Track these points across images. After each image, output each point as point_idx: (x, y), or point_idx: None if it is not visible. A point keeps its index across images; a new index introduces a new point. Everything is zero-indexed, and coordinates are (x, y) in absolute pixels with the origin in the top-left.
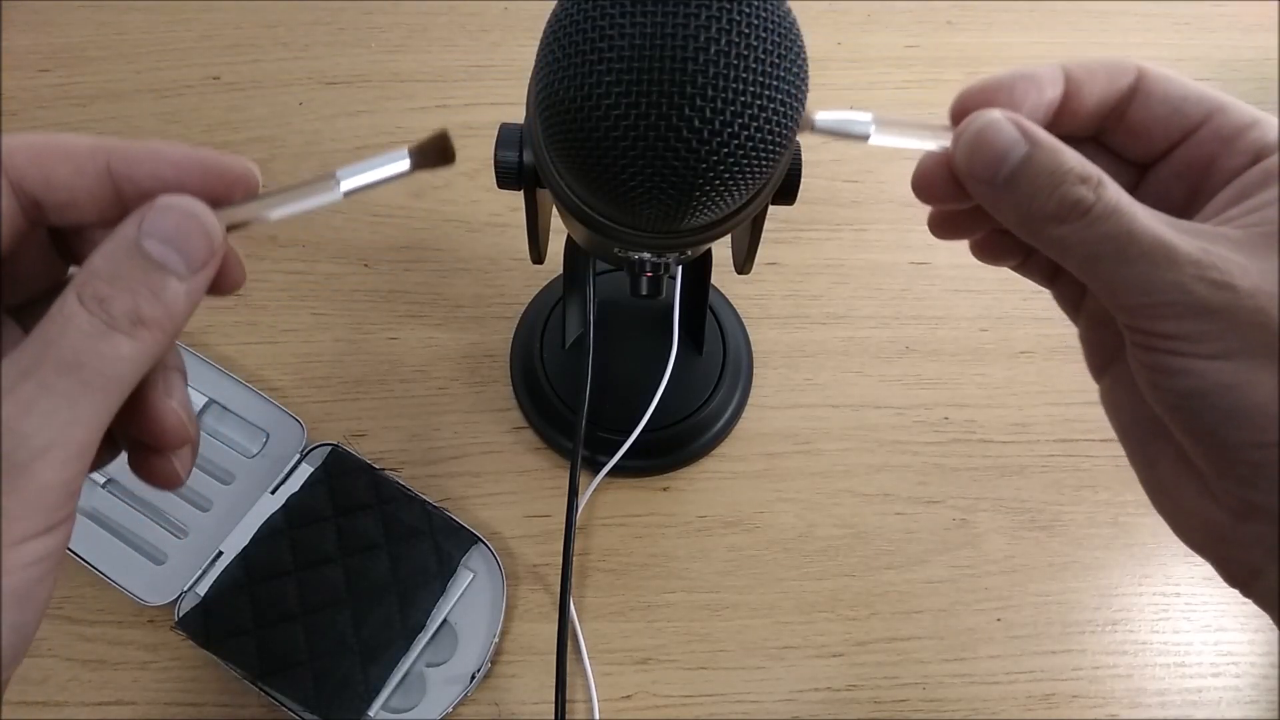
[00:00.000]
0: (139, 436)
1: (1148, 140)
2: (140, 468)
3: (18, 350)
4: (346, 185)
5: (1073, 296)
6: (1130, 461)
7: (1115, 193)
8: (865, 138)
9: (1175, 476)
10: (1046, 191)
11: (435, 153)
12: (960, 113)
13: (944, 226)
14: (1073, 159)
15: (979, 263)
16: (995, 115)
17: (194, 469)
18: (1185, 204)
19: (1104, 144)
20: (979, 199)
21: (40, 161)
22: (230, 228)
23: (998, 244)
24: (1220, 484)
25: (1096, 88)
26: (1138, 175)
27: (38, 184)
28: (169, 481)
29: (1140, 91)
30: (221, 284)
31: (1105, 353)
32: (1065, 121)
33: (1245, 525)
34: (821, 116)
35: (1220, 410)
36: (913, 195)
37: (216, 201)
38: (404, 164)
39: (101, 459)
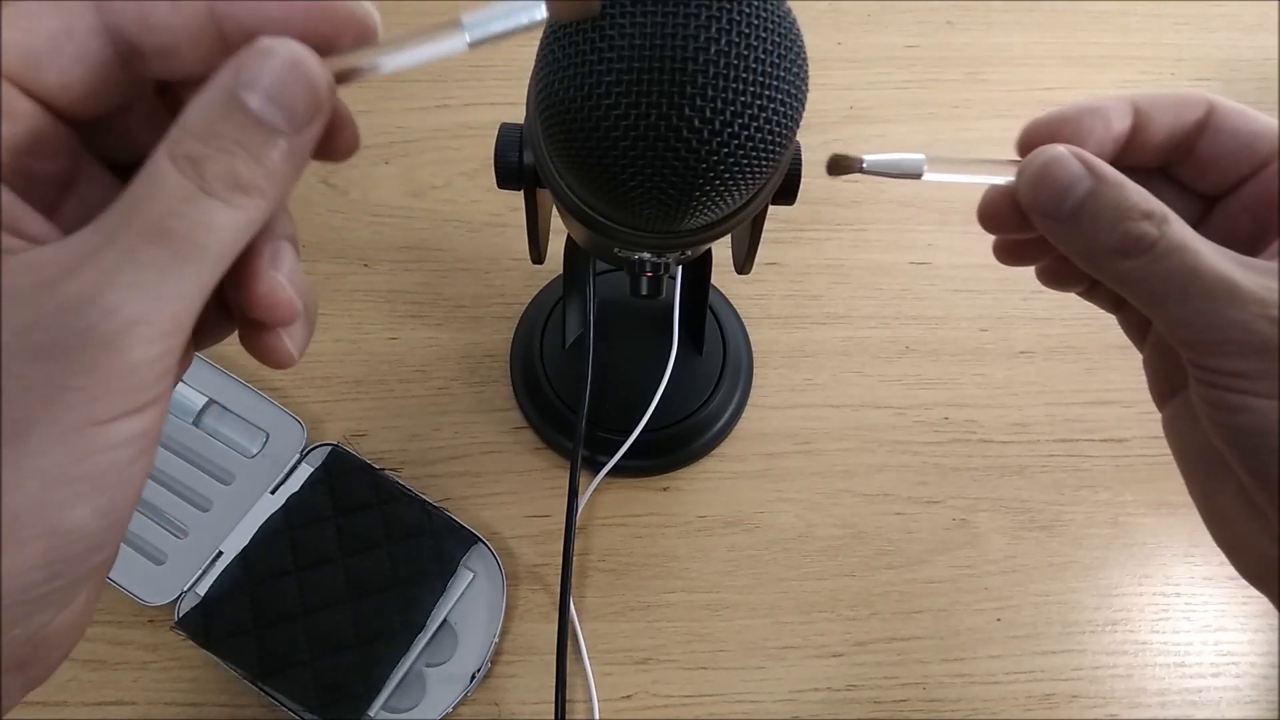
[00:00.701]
0: (246, 310)
1: (1216, 174)
2: (250, 344)
3: (105, 213)
4: (473, 34)
5: (1138, 324)
6: (1190, 492)
7: (1180, 229)
8: (918, 176)
9: (1235, 510)
10: (1110, 226)
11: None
12: (1027, 145)
13: (1009, 254)
14: (1137, 194)
15: (979, 263)
16: (1060, 150)
17: (194, 469)
18: (1252, 239)
19: (1172, 176)
20: (1043, 231)
21: (139, 2)
22: (340, 79)
23: (1064, 271)
24: (1278, 520)
25: (1165, 121)
26: (1205, 208)
27: (134, 25)
28: (281, 360)
29: (1210, 125)
30: (332, 147)
31: (1170, 382)
32: (1133, 154)
33: None
34: (871, 159)
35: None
36: (913, 195)
37: (325, 47)
38: (540, 10)
39: (217, 333)
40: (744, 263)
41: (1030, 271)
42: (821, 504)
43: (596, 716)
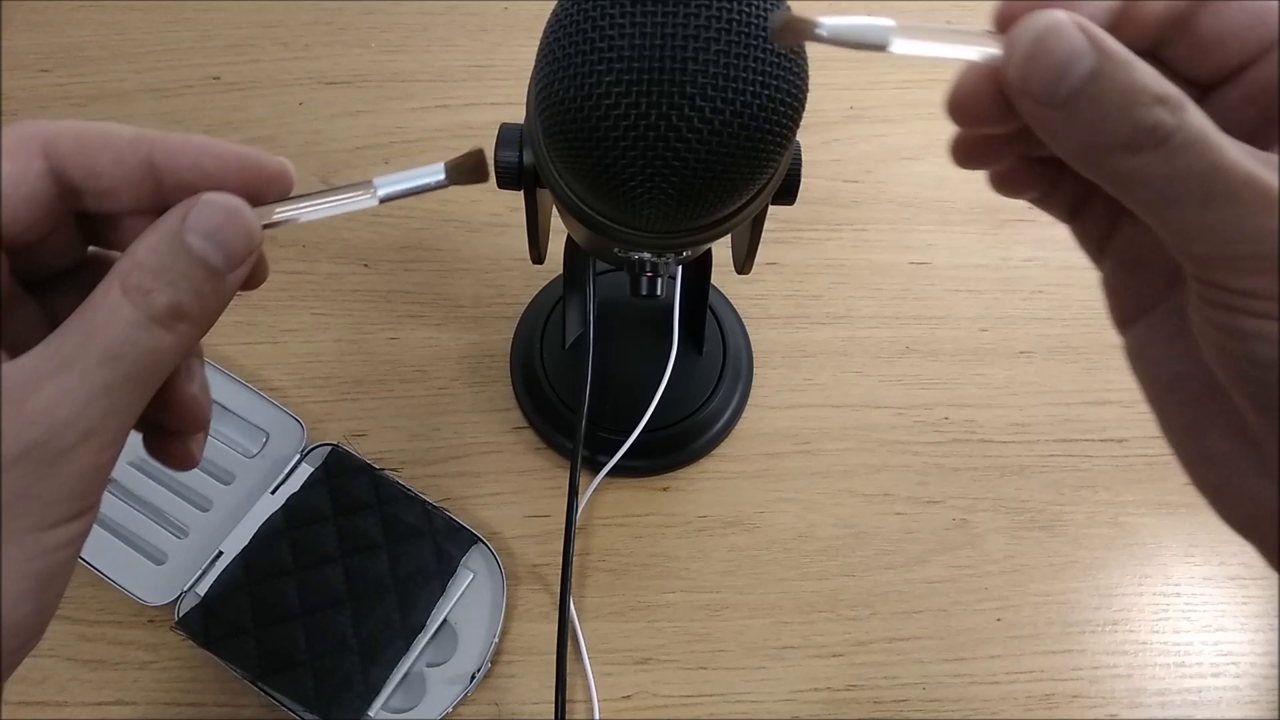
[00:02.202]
0: (161, 420)
1: (1218, 56)
2: (157, 449)
3: (57, 335)
4: (383, 192)
5: (1097, 234)
6: (1162, 427)
7: (1199, 119)
8: (883, 47)
9: (1224, 449)
10: (1117, 114)
11: (470, 170)
12: (1008, 16)
13: (968, 153)
14: (1150, 76)
15: (979, 263)
16: (1059, 17)
17: (194, 469)
18: (1254, 134)
19: (1162, 58)
20: (1031, 121)
21: (84, 149)
22: (265, 226)
23: (1024, 174)
24: None
25: None
26: (1199, 98)
27: (79, 171)
28: (185, 463)
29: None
30: (250, 280)
31: (1137, 301)
32: (1124, 30)
33: None
34: (830, 23)
35: None
36: (913, 195)
37: (253, 199)
38: (439, 177)
39: None
40: (744, 263)
41: (1030, 272)
42: (821, 504)
43: (596, 716)
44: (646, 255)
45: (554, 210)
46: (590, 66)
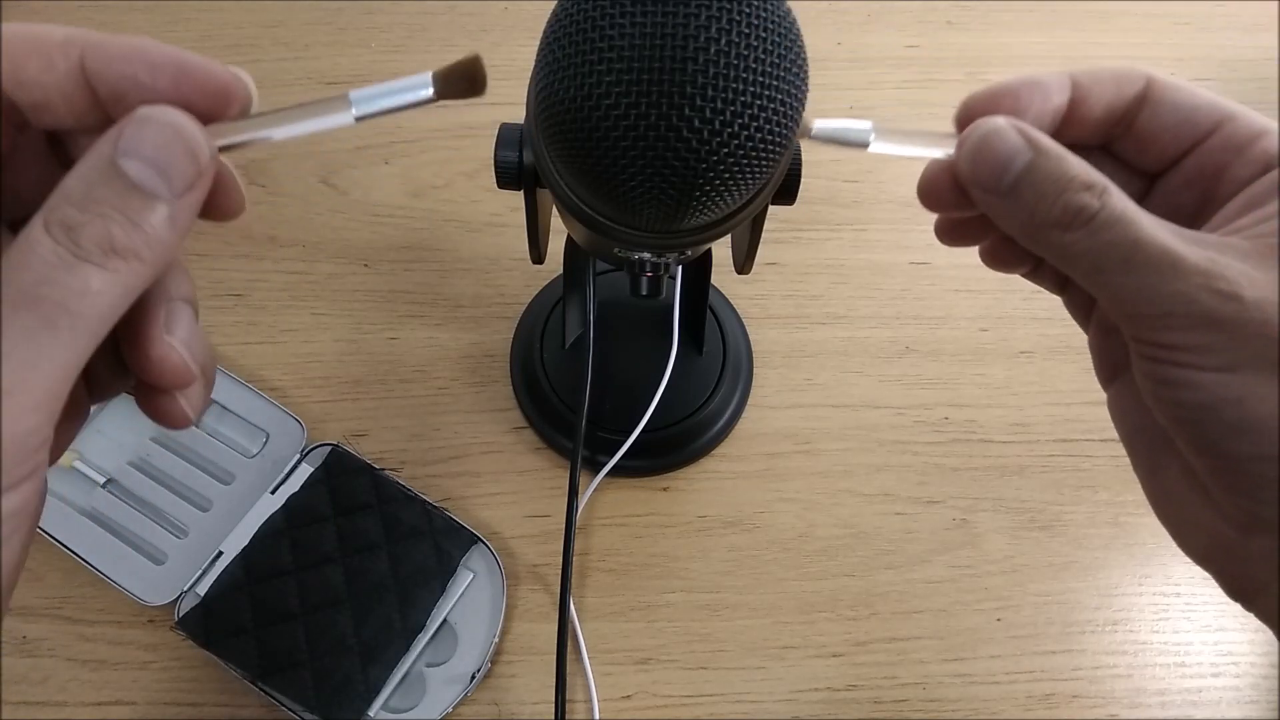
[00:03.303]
0: (138, 374)
1: (1157, 149)
2: (145, 404)
3: None
4: (360, 109)
5: (1083, 303)
6: (1135, 470)
7: (1120, 200)
8: (864, 145)
9: (1179, 488)
10: (1050, 198)
11: (463, 80)
12: (965, 119)
13: (951, 234)
14: (1077, 166)
15: (979, 263)
16: (999, 122)
17: (194, 469)
18: (1195, 213)
19: (1113, 153)
20: (983, 207)
21: (9, 55)
22: (226, 147)
23: (1007, 251)
24: (1224, 497)
25: (1104, 95)
26: (1147, 184)
27: (8, 81)
28: (174, 422)
29: (1149, 100)
30: (217, 208)
31: (1113, 361)
32: (1073, 129)
33: (1249, 539)
34: (820, 125)
35: (1224, 423)
36: (913, 195)
37: (207, 116)
38: (427, 91)
39: (114, 387)
40: (744, 263)
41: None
42: (821, 504)
43: (596, 716)
44: (646, 255)
45: (554, 210)
46: (590, 66)
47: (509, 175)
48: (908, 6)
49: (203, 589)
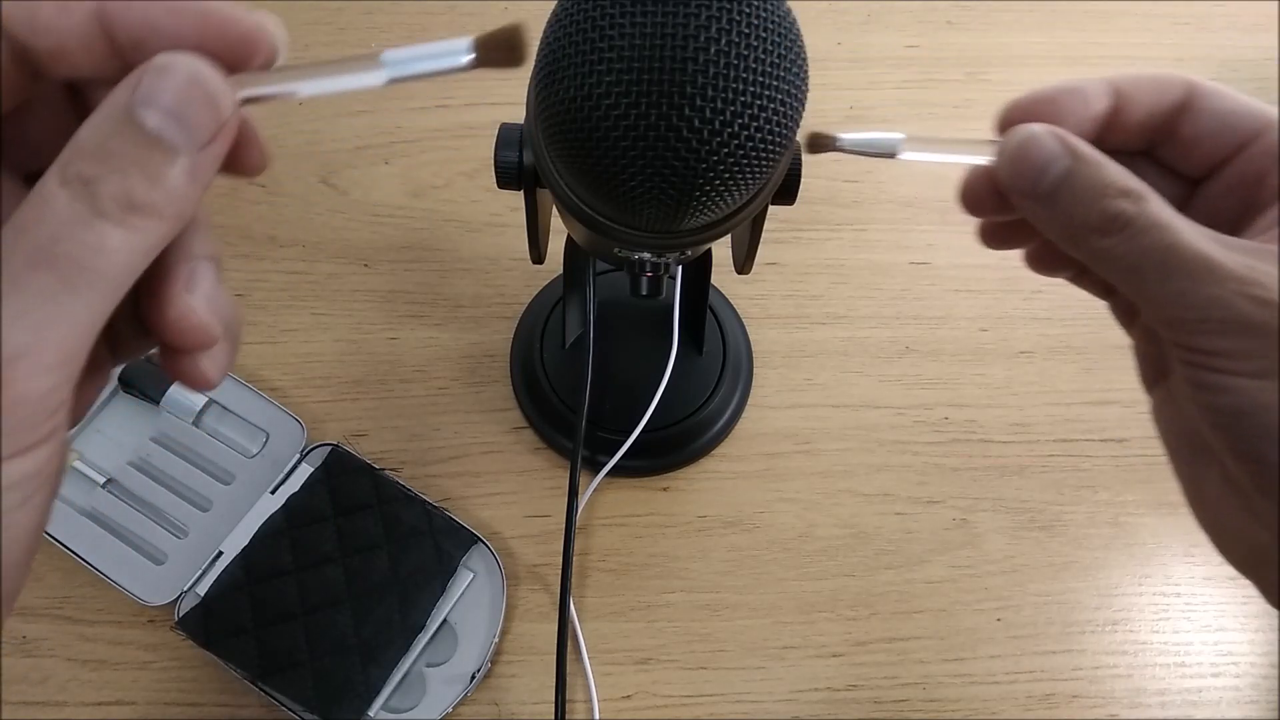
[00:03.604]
0: (157, 335)
1: (1199, 155)
2: (169, 365)
3: None
4: (392, 71)
5: (1128, 308)
6: (1176, 477)
7: (1157, 207)
8: (893, 155)
9: (1220, 495)
10: (1088, 204)
11: (503, 48)
12: (1005, 125)
13: (994, 237)
14: (1115, 172)
15: (979, 263)
16: (1037, 129)
17: (194, 469)
18: (1236, 220)
19: (1155, 158)
20: (1023, 212)
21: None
22: (251, 99)
23: (1051, 255)
24: (1263, 504)
25: (1145, 101)
26: (1189, 190)
27: (22, 26)
28: (198, 384)
29: (1191, 106)
30: (239, 163)
31: (1156, 366)
32: (1115, 136)
33: None
34: (848, 137)
35: (1261, 428)
36: (913, 195)
37: (231, 66)
38: (464, 57)
39: (136, 348)
40: (744, 263)
41: (1030, 272)
42: (821, 504)
43: (596, 716)
44: (647, 255)
45: (554, 210)
46: (590, 66)
47: (509, 175)
48: (908, 6)
49: (203, 589)
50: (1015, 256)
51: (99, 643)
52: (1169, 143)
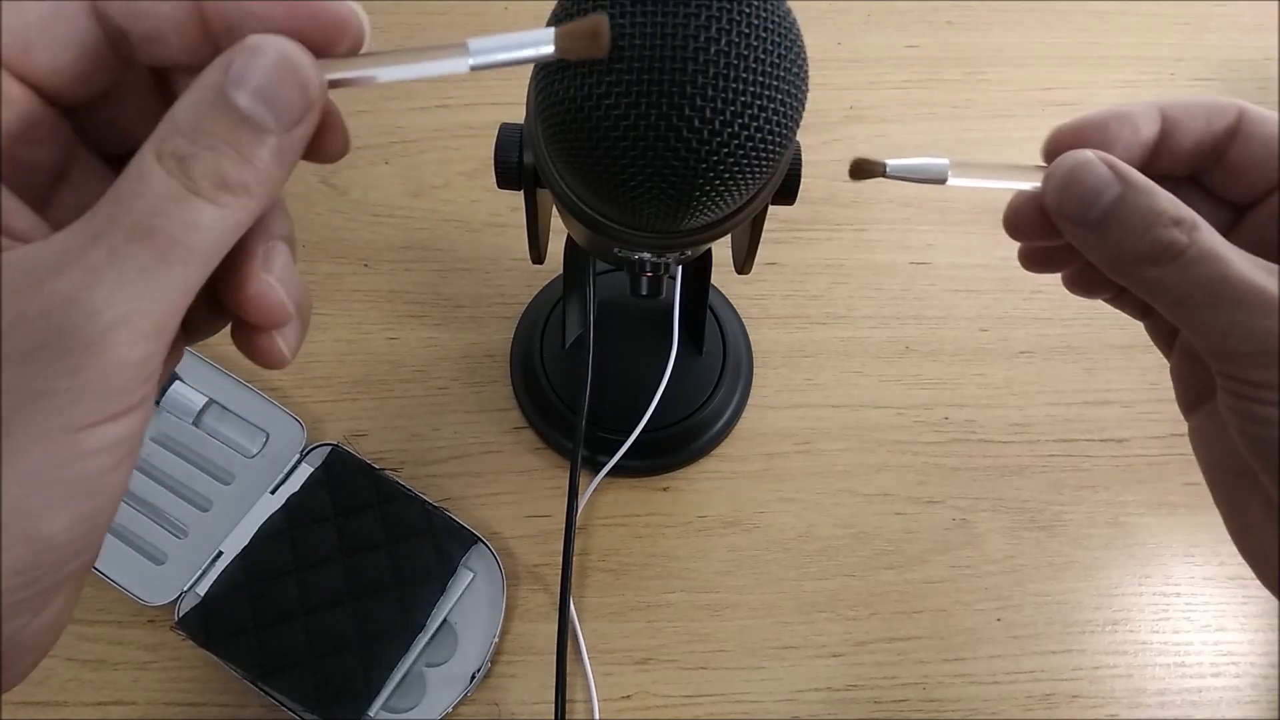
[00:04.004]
0: (236, 311)
1: (1247, 182)
2: (243, 343)
3: (91, 212)
4: (477, 59)
5: (1165, 331)
6: (1215, 502)
7: (1209, 236)
8: (942, 181)
9: (1263, 524)
10: (1138, 233)
11: (586, 38)
12: (1053, 152)
13: (1035, 261)
14: (1166, 201)
15: (979, 263)
16: (1088, 155)
17: (194, 469)
18: None
19: (1201, 184)
20: (1070, 238)
21: None
22: (335, 84)
23: (1091, 279)
24: None
25: (1195, 128)
26: (1235, 216)
27: (120, 11)
28: (273, 361)
29: (1240, 132)
30: (321, 148)
31: (1197, 391)
32: (1162, 161)
33: None
34: (894, 163)
35: None
36: (913, 195)
37: (318, 50)
38: (548, 47)
39: (210, 327)
40: (744, 263)
41: (1031, 271)
42: (821, 504)
43: (596, 716)
44: (646, 255)
45: (554, 210)
46: (590, 66)
47: (509, 175)
48: (908, 6)
49: (203, 589)
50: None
51: (99, 643)
52: (1216, 168)
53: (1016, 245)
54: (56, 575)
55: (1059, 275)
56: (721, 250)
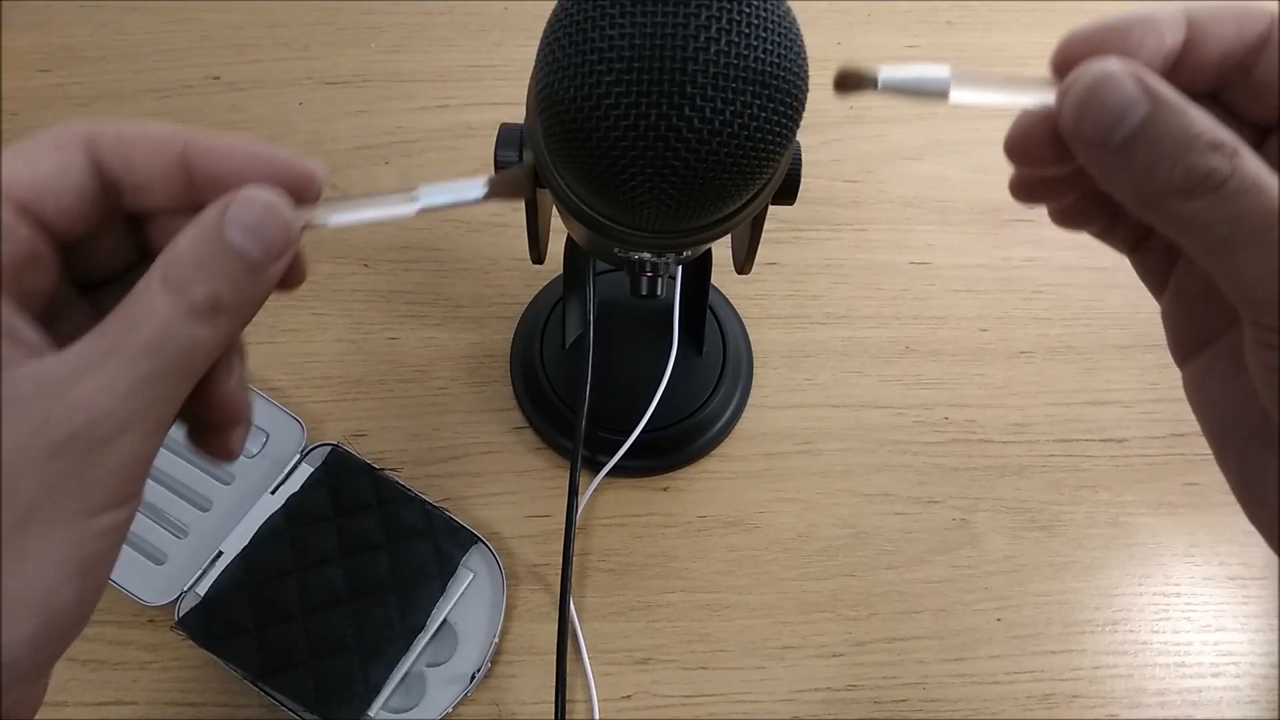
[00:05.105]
0: (201, 414)
1: (1274, 100)
2: (198, 442)
3: (100, 328)
4: (422, 203)
5: (1158, 268)
6: (1219, 462)
7: (1253, 164)
8: (943, 95)
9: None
10: (1171, 160)
11: (511, 186)
12: (1065, 63)
13: (1029, 190)
14: (1203, 122)
15: (979, 263)
16: (1112, 67)
17: (194, 469)
18: None
19: (1220, 101)
20: (1087, 165)
21: (122, 143)
22: (306, 227)
23: (1084, 209)
24: None
25: (1224, 36)
26: (1257, 139)
27: (117, 165)
28: (227, 455)
29: (1272, 42)
30: (288, 279)
31: (1196, 335)
32: (1183, 75)
33: None
34: (887, 74)
35: None
36: (913, 195)
37: (291, 197)
38: (479, 192)
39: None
40: (744, 263)
41: (1030, 272)
42: (821, 504)
43: (596, 716)
44: (646, 255)
45: (554, 210)
46: (590, 66)
47: None
48: (908, 6)
49: (203, 589)
50: (1015, 258)
51: (99, 643)
52: (1241, 84)
53: (1016, 245)
54: (58, 648)
55: (1057, 279)
56: (721, 250)
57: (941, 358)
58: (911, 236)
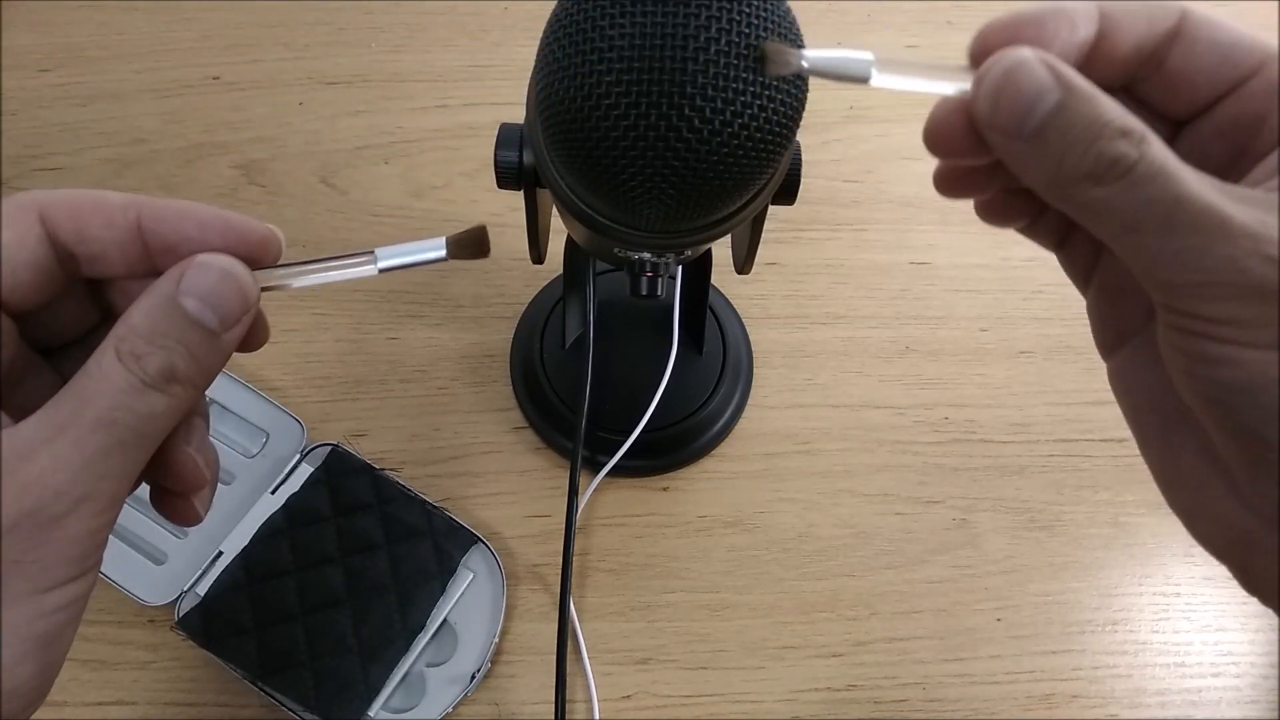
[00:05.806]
0: (161, 480)
1: (1188, 92)
2: (161, 506)
3: (53, 402)
4: (383, 264)
5: (1083, 263)
6: (1142, 451)
7: (1160, 151)
8: (865, 79)
9: (1199, 473)
10: (1081, 147)
11: (472, 245)
12: (982, 52)
13: (952, 184)
14: (1113, 110)
15: (979, 263)
16: (1024, 54)
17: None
18: (1227, 166)
19: (1136, 95)
20: (1001, 154)
21: (75, 215)
22: (265, 289)
23: (1008, 204)
24: (1255, 487)
25: (1136, 29)
26: (1173, 132)
27: (71, 236)
28: (188, 520)
29: (1183, 36)
30: (249, 341)
31: (1119, 328)
32: (1096, 67)
33: (1278, 533)
34: (812, 55)
35: (1266, 407)
36: (913, 195)
37: (249, 263)
38: (440, 252)
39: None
40: (744, 263)
41: (1031, 272)
42: (821, 504)
43: (596, 716)
44: (646, 255)
45: (554, 210)
46: (590, 67)
47: (509, 175)
48: (908, 6)
49: (203, 589)
50: (1015, 258)
51: (99, 643)
52: (1154, 77)
53: (1016, 245)
54: None
55: (1057, 279)
56: (721, 250)
57: (941, 358)
58: (911, 236)
